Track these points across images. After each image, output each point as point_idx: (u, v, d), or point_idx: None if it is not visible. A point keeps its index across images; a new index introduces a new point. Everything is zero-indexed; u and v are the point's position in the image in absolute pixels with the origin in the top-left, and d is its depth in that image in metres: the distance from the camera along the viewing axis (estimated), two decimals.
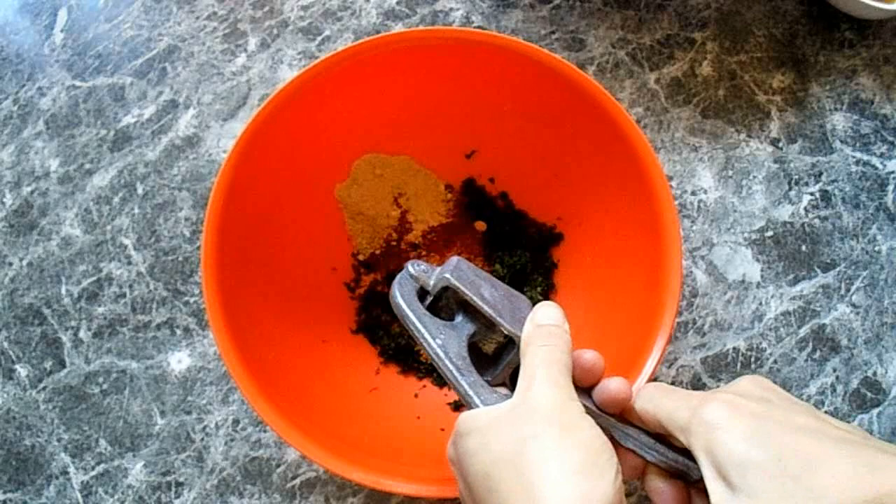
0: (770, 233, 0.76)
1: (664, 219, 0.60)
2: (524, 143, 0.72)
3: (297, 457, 0.72)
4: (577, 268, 0.72)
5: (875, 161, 0.78)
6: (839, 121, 0.79)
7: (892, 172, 0.78)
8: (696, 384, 0.73)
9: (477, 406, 0.47)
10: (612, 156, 0.63)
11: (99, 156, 0.79)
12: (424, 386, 0.72)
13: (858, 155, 0.78)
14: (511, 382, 0.50)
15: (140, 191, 0.78)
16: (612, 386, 0.49)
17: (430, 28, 0.72)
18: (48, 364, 0.75)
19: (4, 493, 0.73)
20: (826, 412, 0.72)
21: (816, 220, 0.77)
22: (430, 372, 0.72)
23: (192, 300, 0.75)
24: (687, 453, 0.45)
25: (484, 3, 0.81)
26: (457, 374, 0.48)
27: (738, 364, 0.73)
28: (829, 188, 0.78)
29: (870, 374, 0.74)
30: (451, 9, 0.81)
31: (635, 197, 0.63)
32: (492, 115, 0.69)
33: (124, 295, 0.76)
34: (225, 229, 0.61)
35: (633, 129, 0.61)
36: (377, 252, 0.75)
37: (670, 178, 0.77)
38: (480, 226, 0.74)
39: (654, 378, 0.72)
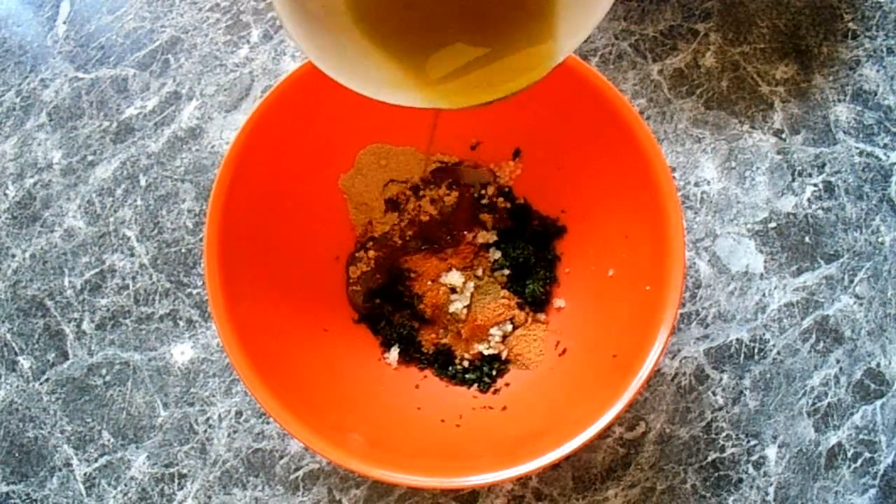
0: (773, 224, 0.76)
1: (667, 210, 0.60)
2: (528, 135, 0.72)
3: (300, 448, 0.72)
4: (579, 260, 0.72)
5: (878, 152, 0.78)
6: (842, 112, 0.79)
7: None
8: (700, 376, 0.73)
9: None
10: (616, 147, 0.63)
11: (101, 147, 0.79)
12: (425, 377, 0.72)
13: (862, 146, 0.78)
14: None
15: (143, 182, 0.78)
16: None
17: None
18: (51, 356, 0.75)
19: (7, 484, 0.73)
20: (829, 404, 0.72)
21: (820, 212, 0.77)
22: (431, 363, 0.72)
23: (194, 292, 0.76)
24: None
25: None
26: None
27: (742, 356, 0.73)
28: (832, 179, 0.77)
29: (873, 365, 0.74)
30: None
31: (638, 189, 0.63)
32: (496, 106, 0.69)
33: (127, 287, 0.76)
34: (228, 221, 0.61)
35: (636, 121, 0.61)
36: None
37: (673, 170, 0.77)
38: (485, 218, 0.74)
39: (656, 370, 0.73)
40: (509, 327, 0.71)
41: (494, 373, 0.71)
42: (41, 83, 0.81)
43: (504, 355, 0.71)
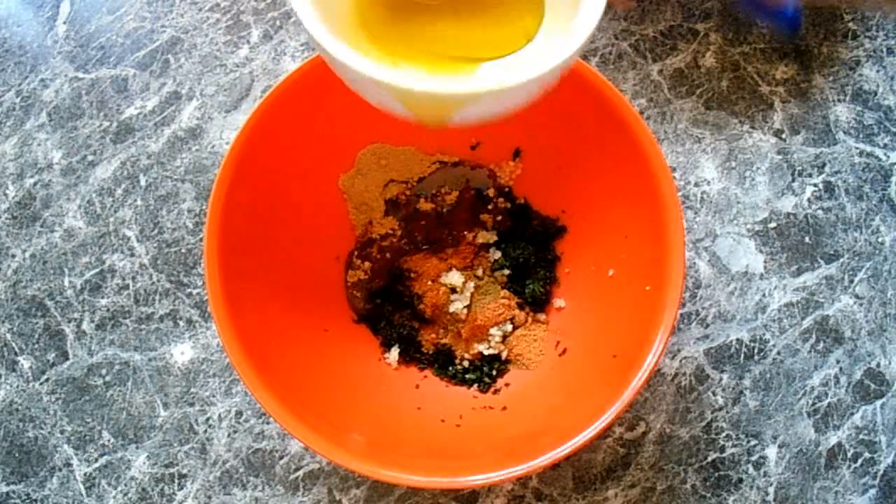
0: (773, 224, 0.76)
1: (667, 210, 0.60)
2: (528, 135, 0.72)
3: (300, 448, 0.72)
4: (579, 260, 0.72)
5: (878, 152, 0.78)
6: (842, 112, 0.79)
7: None
8: (700, 376, 0.73)
9: None
10: (616, 148, 0.63)
11: (102, 147, 0.79)
12: (426, 377, 0.72)
13: (862, 146, 0.78)
14: None
15: (143, 182, 0.78)
16: None
17: None
18: (51, 356, 0.75)
19: (7, 484, 0.73)
20: (829, 404, 0.72)
21: (820, 212, 0.77)
22: (432, 363, 0.72)
23: (194, 292, 0.76)
24: None
25: None
26: None
27: (742, 355, 0.73)
28: (832, 179, 0.77)
29: (873, 365, 0.74)
30: None
31: (638, 189, 0.63)
32: None
33: (127, 287, 0.76)
34: (228, 221, 0.61)
35: (636, 121, 0.61)
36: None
37: (673, 170, 0.77)
38: (485, 218, 0.74)
39: (656, 370, 0.73)
40: (509, 327, 0.71)
41: (494, 373, 0.71)
42: (41, 83, 0.81)
43: (504, 355, 0.71)
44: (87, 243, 0.77)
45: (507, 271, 0.73)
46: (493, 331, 0.71)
